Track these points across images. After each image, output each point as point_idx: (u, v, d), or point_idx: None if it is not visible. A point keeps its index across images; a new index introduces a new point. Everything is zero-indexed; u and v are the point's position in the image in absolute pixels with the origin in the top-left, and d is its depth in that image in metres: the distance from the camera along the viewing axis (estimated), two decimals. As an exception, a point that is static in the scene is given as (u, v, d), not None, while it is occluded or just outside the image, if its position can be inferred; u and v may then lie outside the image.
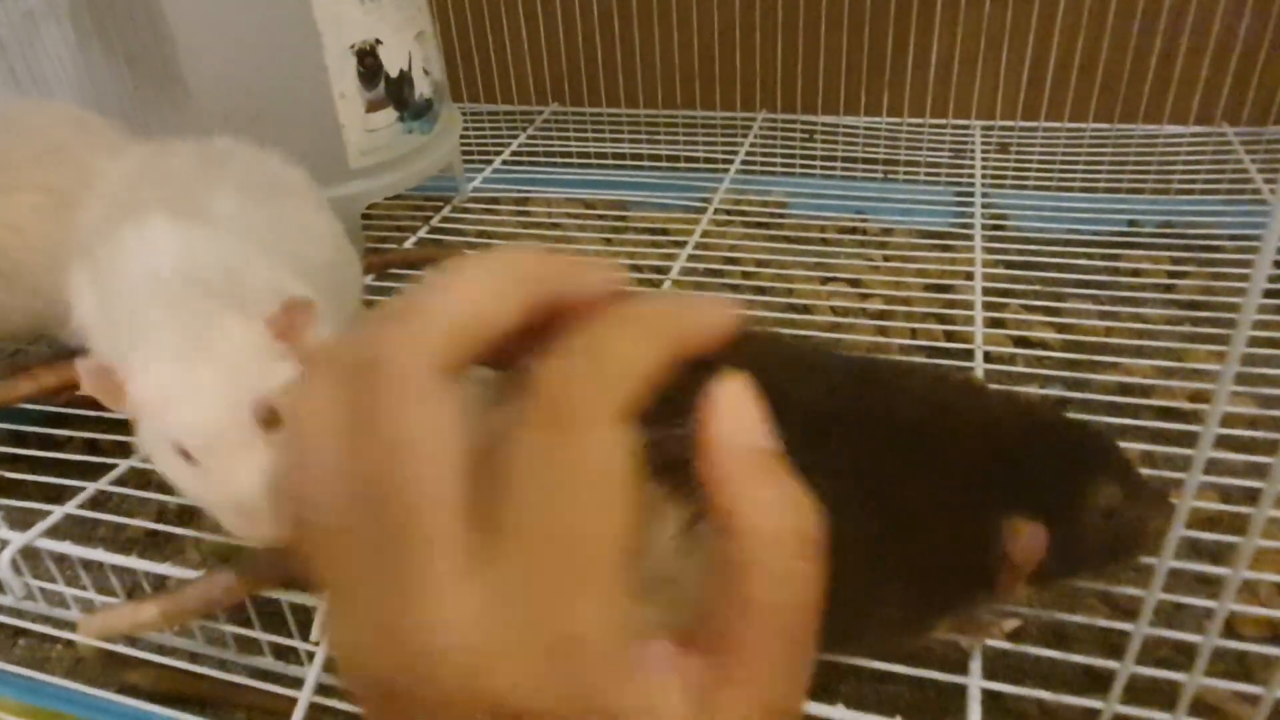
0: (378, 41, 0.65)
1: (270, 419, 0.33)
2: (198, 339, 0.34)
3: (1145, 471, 0.50)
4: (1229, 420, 0.52)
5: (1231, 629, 0.44)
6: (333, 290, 0.49)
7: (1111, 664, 0.29)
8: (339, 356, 0.19)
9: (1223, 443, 0.50)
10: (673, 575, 0.24)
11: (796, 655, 0.19)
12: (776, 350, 0.36)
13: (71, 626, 0.47)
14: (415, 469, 0.17)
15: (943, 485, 0.33)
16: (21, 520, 0.49)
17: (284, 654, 0.44)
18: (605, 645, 0.17)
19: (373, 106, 0.67)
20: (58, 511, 0.49)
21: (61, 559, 0.47)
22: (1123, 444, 0.49)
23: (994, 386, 0.54)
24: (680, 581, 0.24)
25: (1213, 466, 0.49)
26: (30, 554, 0.48)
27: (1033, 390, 0.59)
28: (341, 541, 0.18)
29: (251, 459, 0.33)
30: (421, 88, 0.70)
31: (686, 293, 0.68)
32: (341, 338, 0.20)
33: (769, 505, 0.19)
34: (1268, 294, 0.65)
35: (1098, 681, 0.38)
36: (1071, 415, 0.37)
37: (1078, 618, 0.40)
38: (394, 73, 0.67)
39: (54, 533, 0.48)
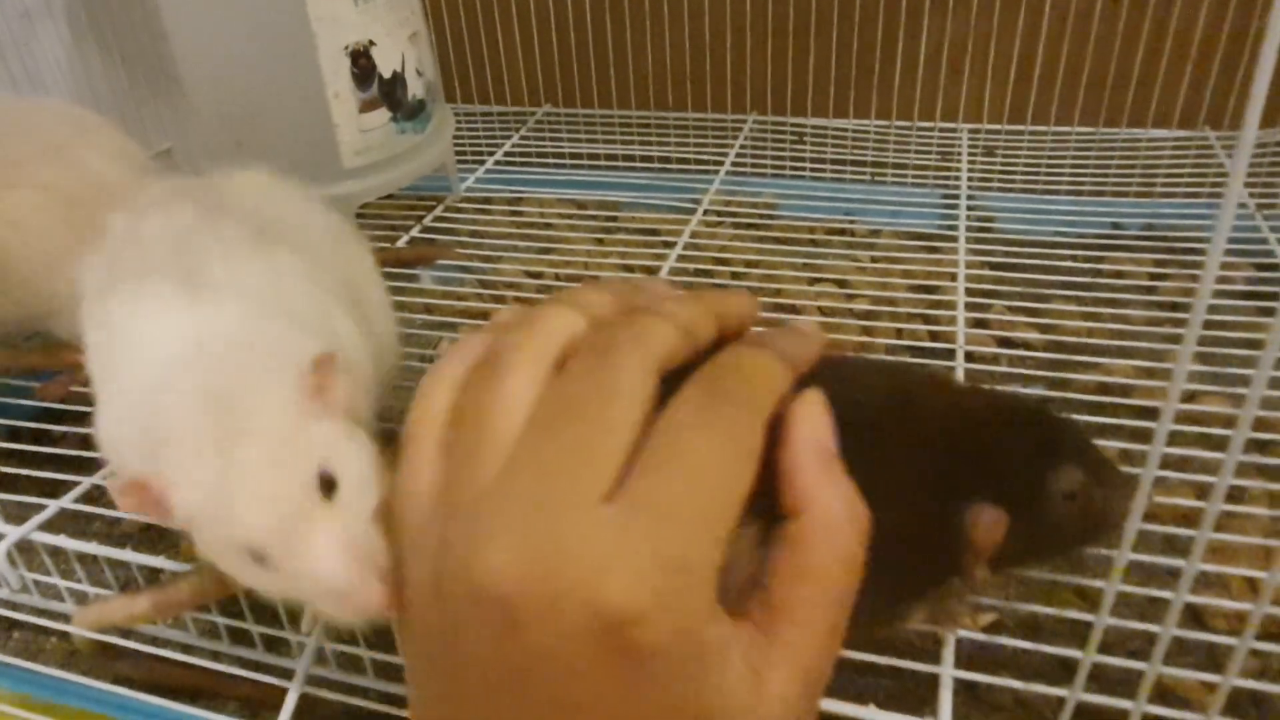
0: (371, 43, 0.66)
1: (329, 484, 0.30)
2: (233, 423, 0.30)
3: (1123, 469, 0.51)
4: (1205, 419, 0.53)
5: (1203, 622, 0.45)
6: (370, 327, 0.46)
7: (1076, 654, 0.30)
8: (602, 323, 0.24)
9: (1199, 441, 0.51)
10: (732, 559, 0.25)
11: (837, 627, 0.22)
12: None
13: (66, 619, 0.48)
14: (617, 403, 0.21)
15: (905, 472, 0.33)
16: (16, 515, 0.50)
17: (275, 645, 0.45)
18: (707, 579, 0.20)
19: (366, 107, 0.68)
20: (53, 506, 0.50)
21: (56, 552, 0.48)
22: (1102, 442, 0.51)
23: (962, 381, 0.56)
24: (737, 565, 0.25)
25: (1187, 464, 0.50)
26: (25, 547, 0.48)
27: (1014, 389, 0.60)
28: (516, 455, 0.21)
29: (330, 538, 0.29)
30: (414, 88, 0.71)
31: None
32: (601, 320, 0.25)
33: (835, 494, 0.23)
34: (1247, 295, 0.67)
35: (1072, 672, 0.39)
36: (1033, 401, 0.38)
37: (1052, 610, 0.40)
38: (387, 73, 0.68)
39: (49, 527, 0.49)
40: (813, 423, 0.24)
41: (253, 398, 0.31)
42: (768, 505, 0.29)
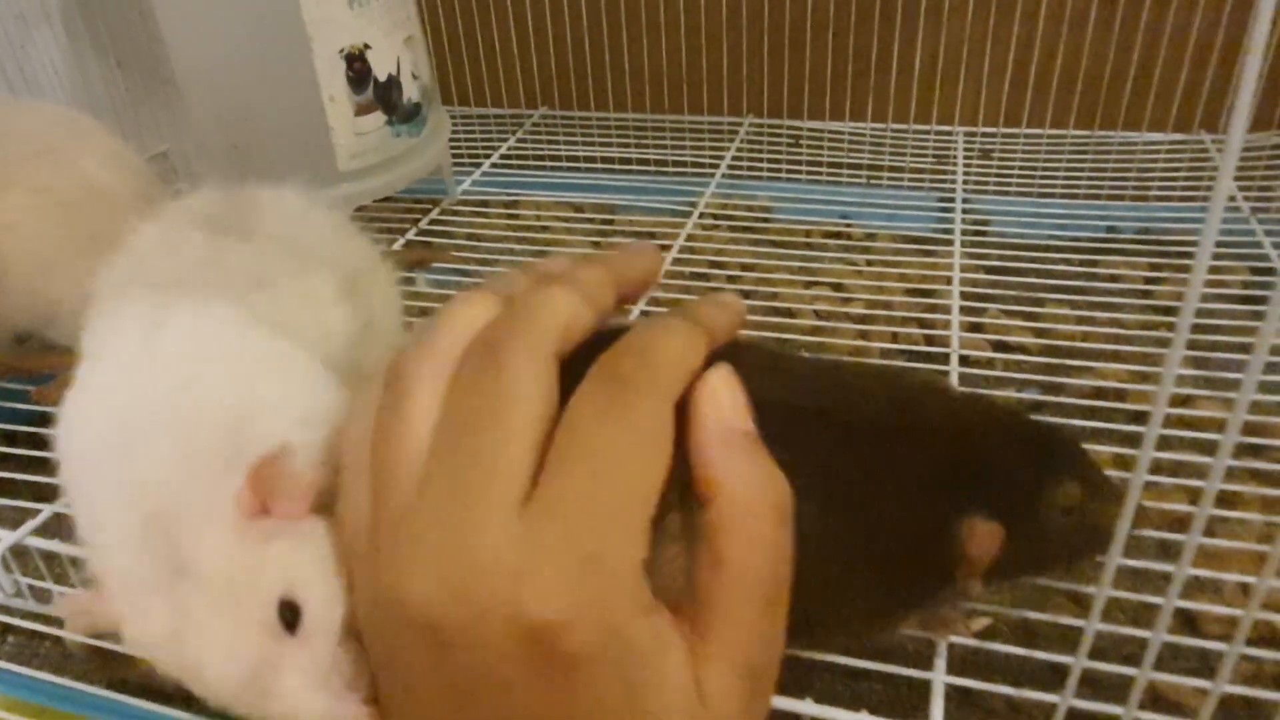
0: (366, 46, 0.66)
1: (292, 613, 0.27)
2: (176, 556, 0.27)
3: (1117, 473, 0.51)
4: (1198, 423, 0.53)
5: (1196, 627, 0.45)
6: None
7: (1068, 659, 0.30)
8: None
9: (1192, 445, 0.51)
10: (660, 553, 0.25)
11: (770, 615, 0.21)
12: (740, 350, 0.37)
13: (59, 624, 0.48)
14: (515, 406, 0.21)
15: (903, 483, 0.33)
16: (11, 519, 0.50)
17: (269, 650, 0.45)
18: (628, 575, 0.20)
19: (361, 110, 0.68)
20: (46, 510, 0.50)
21: (50, 557, 0.48)
22: (1096, 447, 0.51)
23: (960, 388, 0.56)
24: (666, 559, 0.25)
25: (1181, 469, 0.50)
26: (19, 552, 0.48)
27: (1009, 393, 0.60)
28: (424, 476, 0.21)
29: (302, 676, 0.26)
30: (410, 91, 0.71)
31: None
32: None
33: (746, 475, 0.22)
34: (1242, 299, 0.67)
35: (1064, 677, 0.39)
36: (1034, 415, 0.38)
37: (1046, 616, 0.41)
38: (382, 76, 0.68)
39: (43, 531, 0.48)
40: (716, 401, 0.22)
41: (193, 528, 0.27)
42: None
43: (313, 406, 0.34)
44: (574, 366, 0.24)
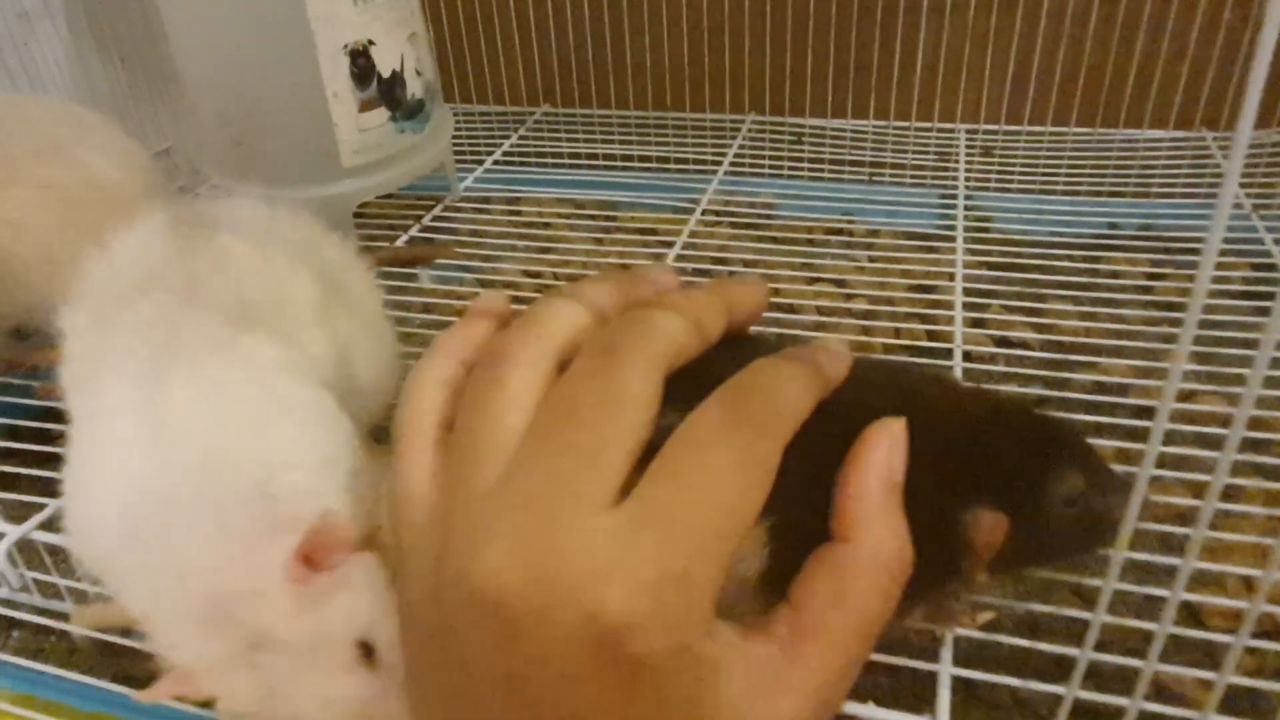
0: (370, 42, 0.66)
1: (368, 651, 0.29)
2: (245, 635, 0.28)
3: (1120, 468, 0.51)
4: (1201, 418, 0.54)
5: (1200, 620, 0.46)
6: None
7: (1074, 651, 0.30)
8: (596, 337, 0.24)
9: (1196, 440, 0.52)
10: (744, 571, 0.25)
11: (859, 659, 0.22)
12: (749, 343, 0.37)
13: (65, 618, 0.48)
14: (622, 410, 0.21)
15: (908, 475, 0.34)
16: (16, 514, 0.50)
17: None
18: (707, 596, 0.20)
19: (365, 106, 0.68)
20: (52, 504, 0.50)
21: (56, 551, 0.48)
22: (1099, 442, 0.51)
23: (962, 381, 0.56)
24: (746, 587, 0.25)
25: (1184, 463, 0.50)
26: (25, 546, 0.48)
27: (1012, 388, 0.60)
28: (517, 457, 0.21)
29: (399, 701, 0.28)
30: (413, 88, 0.71)
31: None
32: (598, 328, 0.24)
33: (890, 529, 0.23)
34: (1244, 295, 0.67)
35: (1069, 671, 0.39)
36: (1036, 407, 0.38)
37: (1050, 608, 0.41)
38: (386, 73, 0.68)
39: (49, 525, 0.49)
40: (888, 452, 0.24)
41: (255, 604, 0.28)
42: (784, 513, 0.29)
43: (329, 444, 0.35)
44: (670, 385, 0.25)
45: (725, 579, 0.31)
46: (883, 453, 0.23)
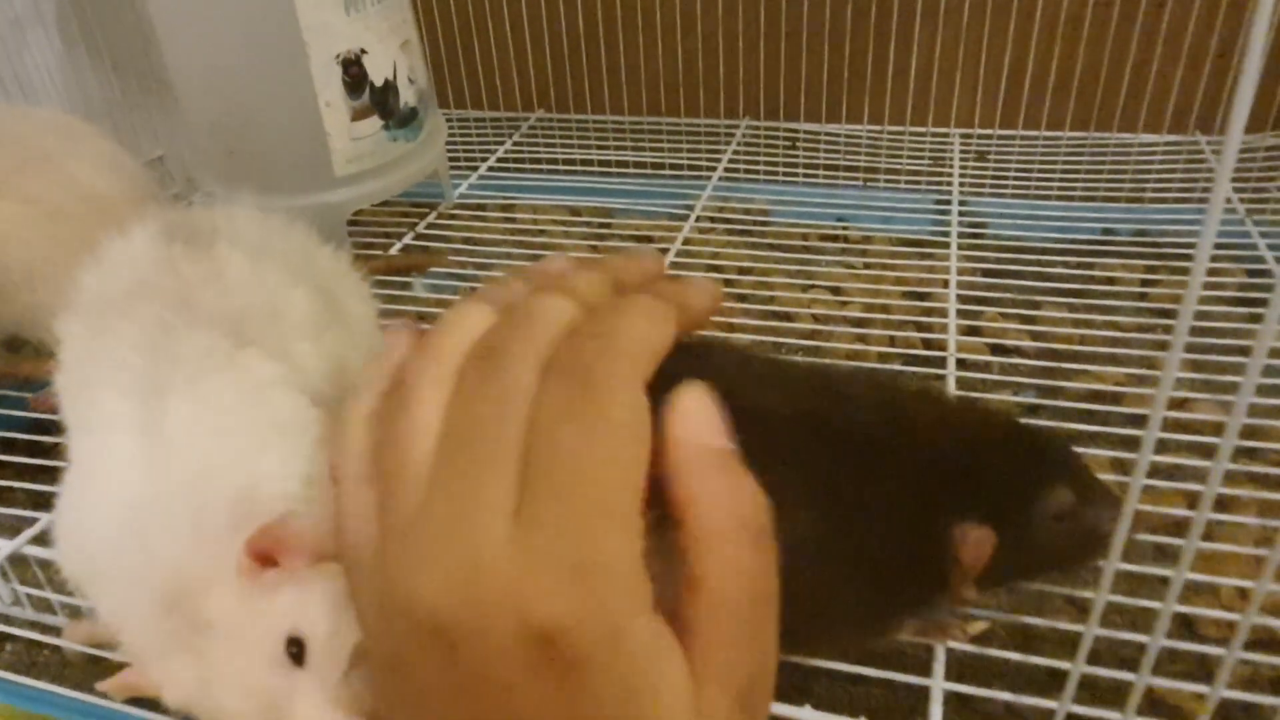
0: (363, 51, 0.66)
1: (298, 648, 0.30)
2: (194, 617, 0.30)
3: (1113, 476, 0.51)
4: (1195, 426, 0.54)
5: (1194, 631, 0.45)
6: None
7: (1065, 665, 0.30)
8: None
9: (1189, 449, 0.51)
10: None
11: (754, 636, 0.21)
12: (735, 358, 0.37)
13: (58, 632, 0.48)
14: (513, 410, 0.20)
15: (896, 490, 0.34)
16: (9, 528, 0.50)
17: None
18: (624, 571, 0.19)
19: (358, 115, 0.68)
20: (45, 519, 0.49)
21: (49, 565, 0.48)
22: (1092, 450, 0.51)
23: (954, 393, 0.56)
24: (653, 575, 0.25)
25: (1178, 472, 0.50)
26: (17, 561, 0.48)
27: (1006, 396, 0.60)
28: (430, 481, 0.21)
29: (313, 705, 0.29)
30: (406, 96, 0.71)
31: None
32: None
33: (720, 497, 0.21)
34: (1238, 302, 0.67)
35: (1063, 682, 0.39)
36: (1027, 421, 0.38)
37: (1043, 621, 0.41)
38: (379, 82, 0.68)
39: (41, 540, 0.48)
40: (689, 419, 0.21)
41: (205, 591, 0.30)
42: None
43: (316, 460, 0.36)
44: None
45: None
46: (680, 424, 0.21)
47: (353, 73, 0.66)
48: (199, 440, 0.35)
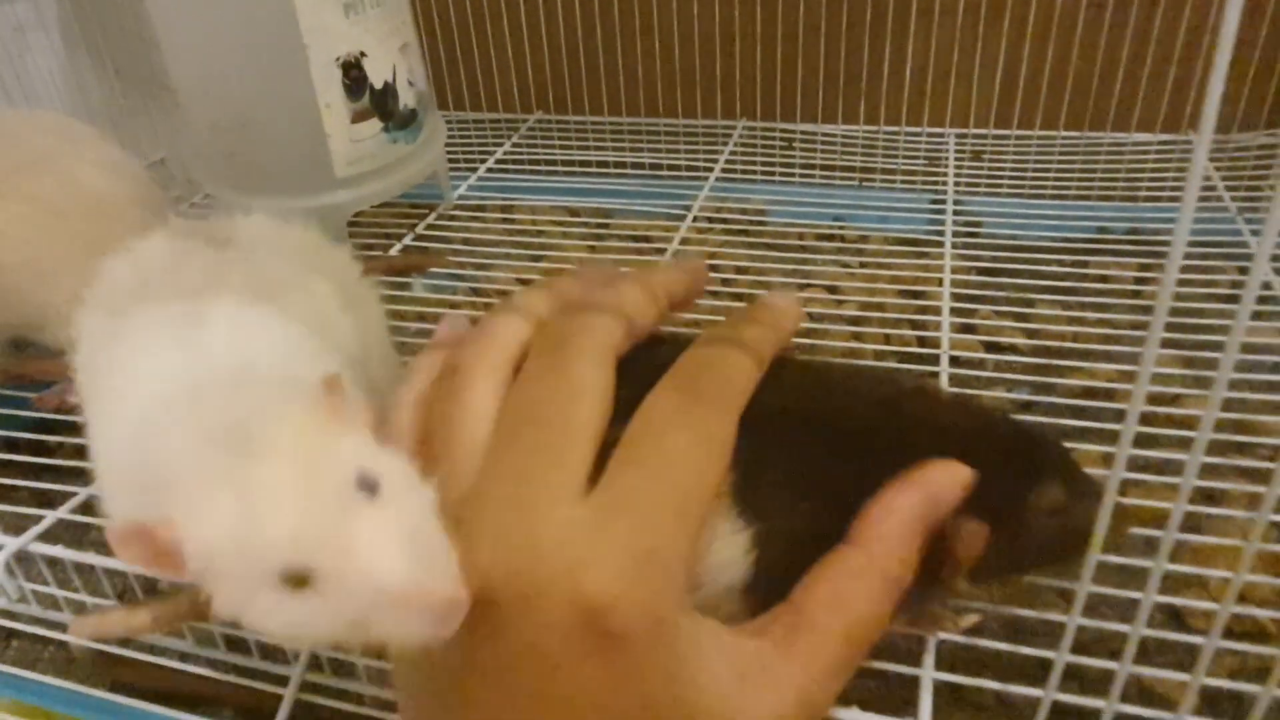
0: (363, 53, 0.67)
1: (370, 484, 0.25)
2: (250, 450, 0.25)
3: (1104, 471, 0.52)
4: (1187, 421, 0.54)
5: (1184, 623, 0.46)
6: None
7: (1050, 654, 0.30)
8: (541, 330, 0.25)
9: (1181, 444, 0.52)
10: (729, 577, 0.26)
11: (847, 663, 0.23)
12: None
13: (63, 629, 0.49)
14: (579, 401, 0.22)
15: (889, 484, 0.34)
16: (14, 525, 0.50)
17: (271, 653, 0.46)
18: (679, 571, 0.21)
19: (358, 117, 0.69)
20: (50, 516, 0.50)
21: (54, 563, 0.48)
22: (1085, 446, 0.52)
23: (950, 388, 0.56)
24: (732, 594, 0.26)
25: (1168, 466, 0.51)
26: (23, 558, 0.49)
27: (1000, 393, 0.61)
28: (473, 461, 0.22)
29: (383, 531, 0.23)
30: (406, 98, 0.72)
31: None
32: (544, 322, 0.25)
33: (904, 545, 0.24)
34: (1225, 299, 0.68)
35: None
36: (1020, 418, 0.39)
37: (1033, 613, 0.41)
38: (379, 84, 0.69)
39: (46, 537, 0.49)
40: (941, 488, 0.25)
41: (268, 423, 0.26)
42: (770, 521, 0.29)
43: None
44: (622, 370, 0.26)
45: (712, 586, 0.32)
46: (935, 486, 0.25)
47: (353, 75, 0.67)
48: (238, 347, 0.33)
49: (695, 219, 0.81)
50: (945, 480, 0.24)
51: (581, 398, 0.22)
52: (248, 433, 0.26)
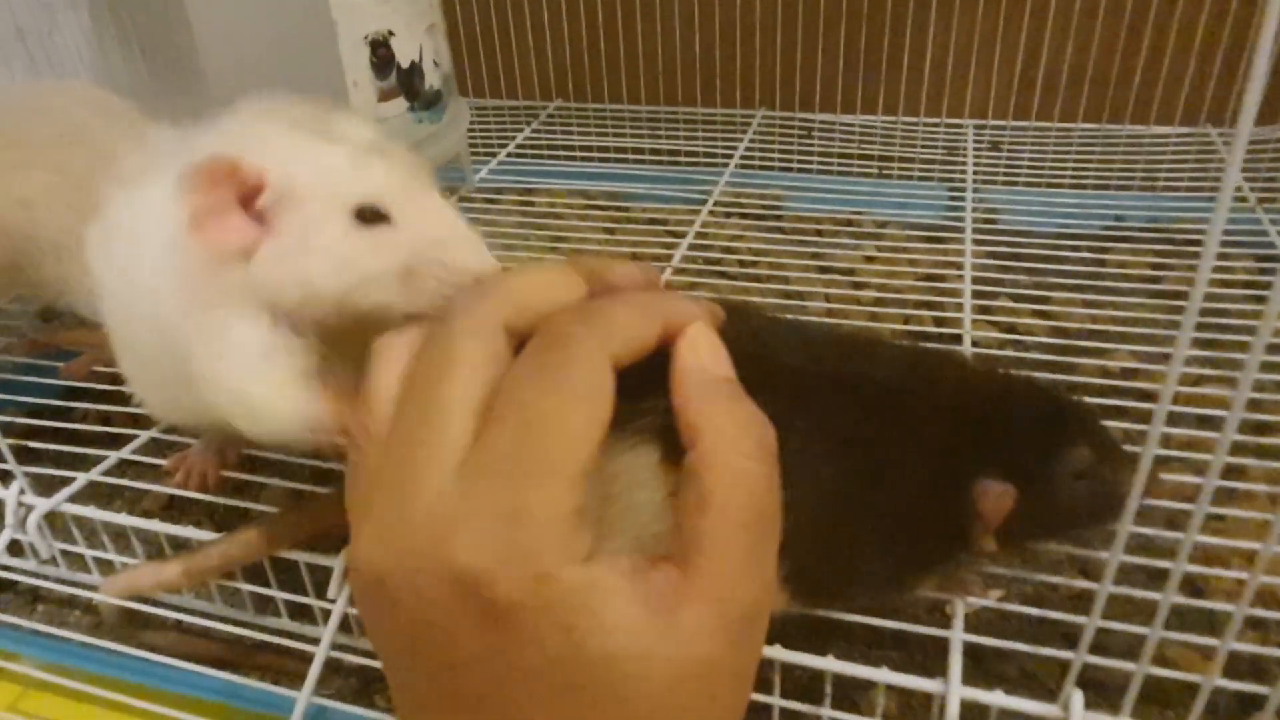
0: (390, 33, 0.67)
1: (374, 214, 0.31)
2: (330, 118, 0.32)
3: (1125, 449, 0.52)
4: (1205, 400, 0.55)
5: (1203, 595, 0.46)
6: None
7: (1082, 619, 0.31)
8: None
9: (1200, 423, 0.53)
10: (648, 513, 0.26)
11: (756, 555, 0.21)
12: (762, 321, 0.38)
13: (90, 590, 0.49)
14: (449, 374, 0.21)
15: (920, 446, 0.35)
16: (44, 489, 0.51)
17: (299, 613, 0.46)
18: (557, 524, 0.20)
19: (384, 96, 0.69)
20: (81, 478, 0.51)
21: (84, 523, 0.49)
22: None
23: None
24: (654, 518, 0.26)
25: (1189, 445, 0.51)
26: (52, 519, 0.49)
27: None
28: (378, 444, 0.22)
29: (446, 206, 0.30)
30: (431, 79, 0.72)
31: (685, 290, 0.70)
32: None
33: (727, 417, 0.22)
34: (1248, 286, 0.68)
35: (1074, 646, 0.40)
36: (1047, 382, 0.39)
37: (1060, 579, 0.42)
38: (405, 64, 0.69)
39: (77, 498, 0.50)
40: (695, 350, 0.23)
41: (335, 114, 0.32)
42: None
43: None
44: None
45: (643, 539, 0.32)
46: (687, 356, 0.23)
47: (380, 54, 0.67)
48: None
49: (714, 207, 0.82)
50: (688, 347, 0.23)
51: (454, 367, 0.22)
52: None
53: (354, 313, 0.30)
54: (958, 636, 0.37)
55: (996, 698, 0.33)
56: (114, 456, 0.53)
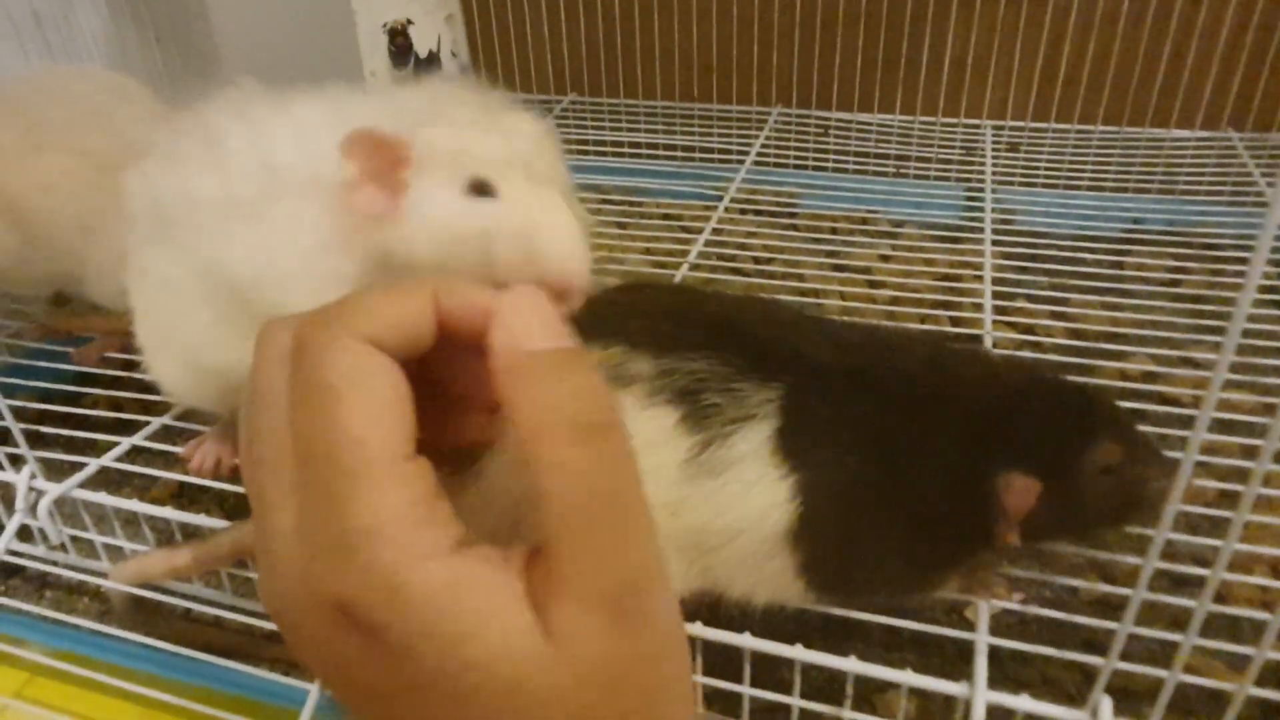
0: (409, 21, 0.67)
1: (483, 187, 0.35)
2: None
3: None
4: (1223, 405, 0.54)
5: (1225, 601, 0.46)
6: None
7: (1112, 625, 0.30)
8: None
9: (1220, 428, 0.52)
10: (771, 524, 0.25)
11: (611, 540, 0.19)
12: (788, 314, 0.37)
13: (99, 576, 0.49)
14: (261, 402, 0.20)
15: (944, 440, 0.34)
16: (55, 474, 0.50)
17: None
18: (385, 529, 0.18)
19: (402, 84, 0.69)
20: (92, 464, 0.50)
21: (94, 509, 0.48)
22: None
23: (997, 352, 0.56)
24: (777, 534, 0.25)
25: (1208, 449, 0.51)
26: (62, 504, 0.49)
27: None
28: (261, 482, 0.20)
29: (552, 194, 0.33)
30: (449, 69, 0.72)
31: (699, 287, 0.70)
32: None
33: (531, 401, 0.19)
34: (1262, 289, 0.67)
35: (1098, 652, 0.40)
36: (1075, 378, 0.38)
37: (1084, 584, 0.41)
38: (423, 53, 0.69)
39: (88, 484, 0.49)
40: (503, 327, 0.20)
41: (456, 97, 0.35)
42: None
43: None
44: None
45: (754, 532, 0.31)
46: (494, 334, 0.20)
47: (399, 42, 0.67)
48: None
49: (730, 203, 0.81)
50: (499, 323, 0.20)
51: (263, 400, 0.20)
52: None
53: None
54: (983, 639, 0.36)
55: (1023, 702, 0.32)
56: (125, 443, 0.52)
